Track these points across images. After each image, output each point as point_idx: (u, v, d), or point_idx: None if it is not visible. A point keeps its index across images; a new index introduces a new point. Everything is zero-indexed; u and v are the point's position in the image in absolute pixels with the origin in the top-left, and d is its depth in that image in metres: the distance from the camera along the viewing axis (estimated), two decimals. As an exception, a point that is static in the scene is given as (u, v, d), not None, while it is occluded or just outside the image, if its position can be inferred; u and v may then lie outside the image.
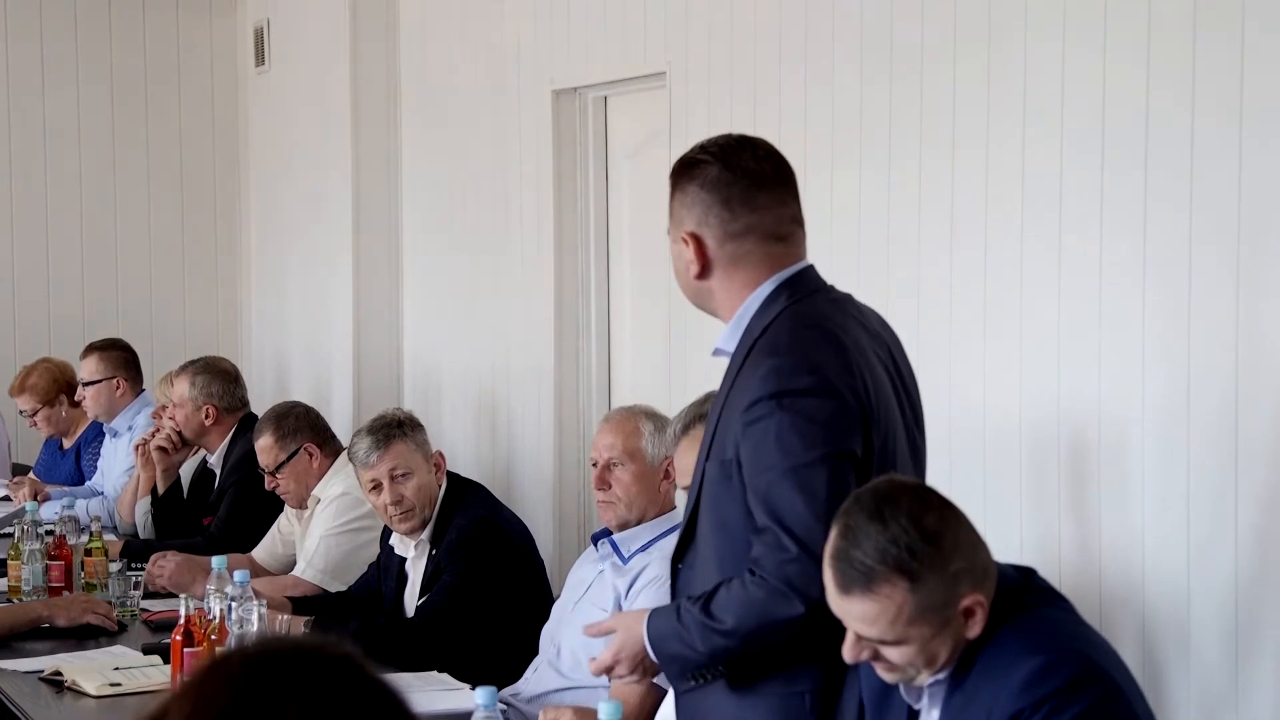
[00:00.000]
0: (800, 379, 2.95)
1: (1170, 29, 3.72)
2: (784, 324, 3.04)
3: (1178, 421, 3.72)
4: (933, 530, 2.59)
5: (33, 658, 4.65)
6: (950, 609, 2.59)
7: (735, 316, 3.12)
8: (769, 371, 2.96)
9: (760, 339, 3.04)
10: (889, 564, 2.57)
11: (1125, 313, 3.83)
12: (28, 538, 5.36)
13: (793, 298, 3.09)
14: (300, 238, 8.31)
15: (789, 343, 3.01)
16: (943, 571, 2.58)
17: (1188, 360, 3.69)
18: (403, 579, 5.03)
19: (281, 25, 8.45)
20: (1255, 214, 3.55)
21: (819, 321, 3.05)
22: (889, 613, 2.59)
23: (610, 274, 6.22)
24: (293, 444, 5.60)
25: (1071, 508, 3.99)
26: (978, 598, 2.60)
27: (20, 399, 7.51)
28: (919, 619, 2.59)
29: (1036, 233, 4.07)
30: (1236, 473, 3.60)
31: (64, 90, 9.02)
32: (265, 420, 5.70)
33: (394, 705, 1.71)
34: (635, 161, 6.03)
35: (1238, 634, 3.60)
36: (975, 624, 2.62)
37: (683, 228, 3.15)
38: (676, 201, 3.18)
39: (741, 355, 3.07)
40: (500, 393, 6.76)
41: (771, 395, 2.94)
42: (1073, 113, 3.96)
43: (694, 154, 3.20)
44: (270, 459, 5.61)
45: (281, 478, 5.61)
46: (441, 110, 7.19)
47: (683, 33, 5.45)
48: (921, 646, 2.62)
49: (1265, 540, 3.55)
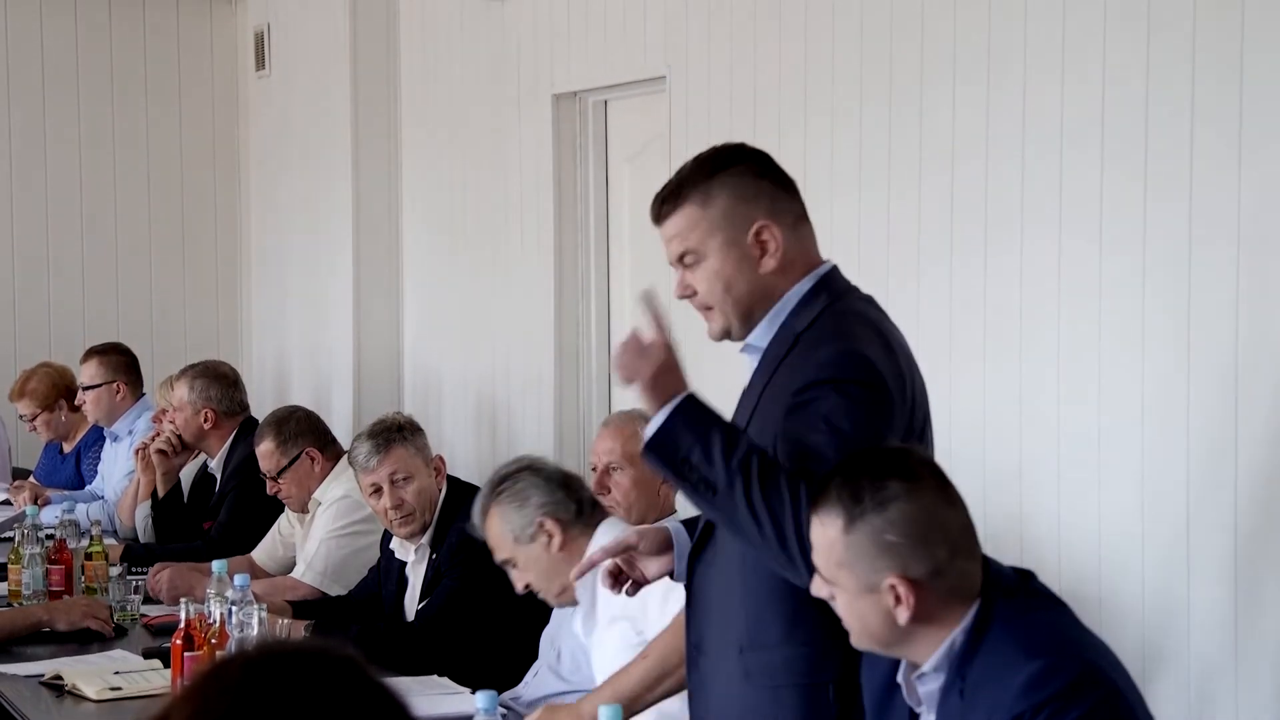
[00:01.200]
0: (858, 369, 2.93)
1: (1170, 34, 3.72)
2: (832, 320, 3.03)
3: (1176, 428, 3.72)
4: (892, 497, 2.61)
5: (33, 662, 4.64)
6: (875, 575, 2.62)
7: (771, 313, 3.07)
8: (827, 359, 2.94)
9: (806, 333, 3.02)
10: (843, 502, 2.62)
11: (1125, 327, 3.83)
12: (28, 542, 5.36)
13: (832, 296, 3.07)
14: (301, 242, 8.31)
15: (845, 334, 2.99)
16: (874, 535, 2.61)
17: (1187, 369, 3.69)
18: (403, 583, 5.03)
19: (282, 29, 8.45)
20: (1256, 223, 3.55)
21: (865, 320, 3.05)
22: (822, 545, 2.66)
23: (610, 278, 6.22)
24: (294, 449, 5.61)
25: (1068, 514, 3.99)
26: (902, 582, 2.61)
27: (20, 404, 7.51)
28: (846, 565, 2.63)
29: (1036, 249, 4.07)
30: (1236, 482, 3.60)
31: (64, 94, 9.02)
32: (266, 425, 5.70)
33: (395, 709, 1.71)
34: (635, 165, 6.03)
35: (1237, 640, 3.60)
36: (901, 610, 2.62)
37: (753, 221, 3.03)
38: (724, 200, 3.04)
39: (784, 348, 3.03)
40: (500, 397, 6.76)
41: (828, 380, 2.91)
42: (1071, 124, 3.97)
43: (706, 161, 3.10)
44: (272, 464, 5.61)
45: (283, 482, 5.61)
46: (442, 114, 7.19)
47: (683, 37, 5.45)
48: (849, 602, 2.66)
49: (1264, 545, 3.55)
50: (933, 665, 2.67)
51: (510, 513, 4.03)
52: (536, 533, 4.01)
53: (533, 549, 4.01)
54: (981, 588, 2.67)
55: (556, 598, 4.04)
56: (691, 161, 3.13)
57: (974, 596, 2.66)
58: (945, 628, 2.65)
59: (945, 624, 2.65)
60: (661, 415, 2.95)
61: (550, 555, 4.01)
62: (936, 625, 2.66)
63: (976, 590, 2.66)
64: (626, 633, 3.83)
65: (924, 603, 2.63)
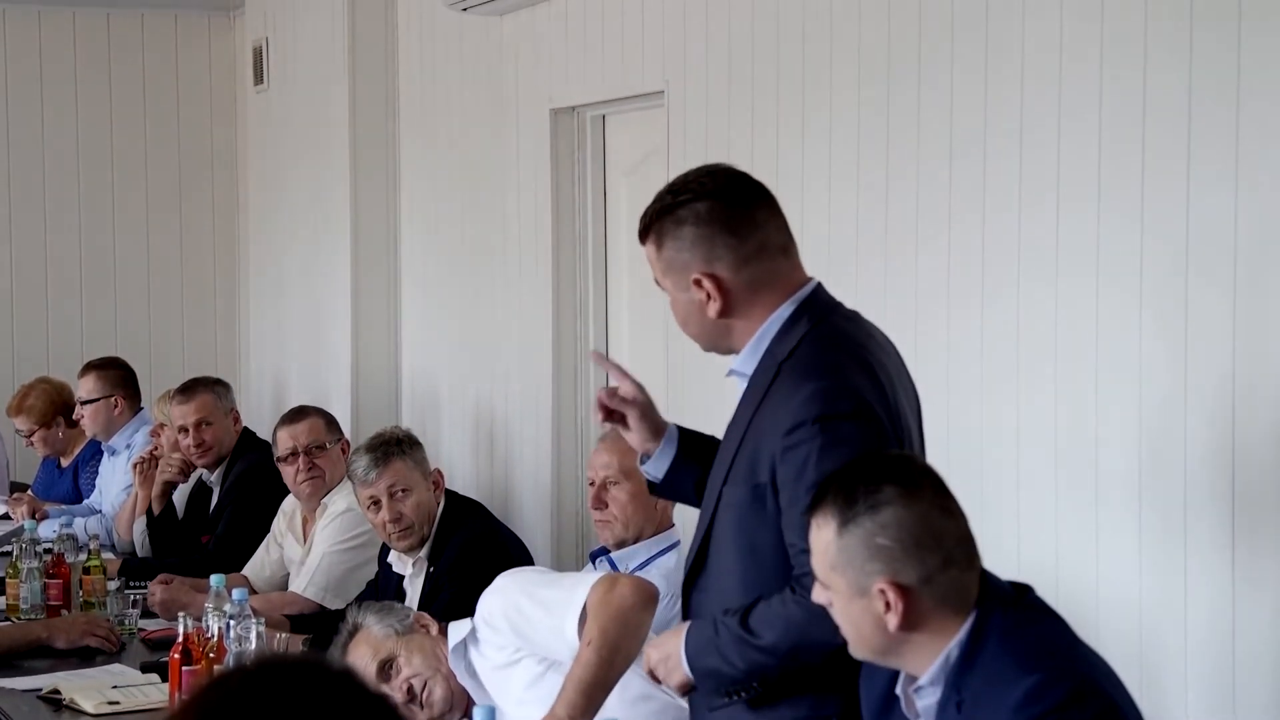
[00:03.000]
0: (842, 403, 2.95)
1: (1167, 43, 3.73)
2: (812, 346, 3.03)
3: (1174, 448, 3.72)
4: (886, 501, 2.62)
5: (31, 676, 4.65)
6: (865, 579, 2.62)
7: (754, 340, 3.08)
8: (810, 396, 2.95)
9: (788, 361, 3.03)
10: (838, 504, 2.64)
11: (1121, 339, 3.84)
12: (26, 556, 5.36)
13: (813, 319, 3.07)
14: (299, 255, 8.32)
15: (826, 366, 3.00)
16: (866, 538, 2.62)
17: (1184, 391, 3.69)
18: (401, 596, 5.03)
19: (280, 44, 8.46)
20: (1252, 242, 3.55)
21: (846, 344, 3.06)
22: (818, 547, 2.67)
23: (609, 291, 6.22)
24: (336, 435, 5.75)
25: (1066, 528, 3.99)
26: (891, 587, 2.61)
27: (17, 419, 7.51)
28: (839, 568, 2.64)
29: (1033, 271, 4.07)
30: (1232, 502, 3.60)
31: (63, 109, 9.04)
32: (307, 408, 5.86)
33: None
34: (633, 180, 6.04)
35: (1233, 656, 3.61)
36: (890, 617, 2.63)
37: (690, 272, 3.07)
38: (669, 250, 3.09)
39: (767, 377, 3.05)
40: (498, 411, 6.76)
41: (815, 419, 2.93)
42: (1069, 128, 3.97)
43: (667, 199, 3.11)
44: (318, 437, 5.67)
45: (321, 460, 5.64)
46: (440, 129, 7.20)
47: (681, 52, 5.46)
48: (843, 606, 2.67)
49: (1260, 565, 3.56)
50: (929, 678, 2.67)
51: (384, 617, 4.00)
52: (412, 624, 3.99)
53: (413, 639, 3.96)
54: (978, 600, 2.67)
55: (438, 698, 3.89)
56: (660, 193, 3.15)
57: (969, 608, 2.66)
58: (940, 638, 2.66)
59: (940, 634, 2.65)
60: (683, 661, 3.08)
61: (431, 640, 3.96)
62: (930, 635, 2.66)
63: (972, 602, 2.67)
64: (528, 667, 3.78)
65: (913, 610, 2.63)
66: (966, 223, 4.27)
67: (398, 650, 3.94)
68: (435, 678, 3.90)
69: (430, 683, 3.91)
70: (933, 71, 4.37)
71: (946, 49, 4.33)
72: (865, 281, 4.53)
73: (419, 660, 3.93)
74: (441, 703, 3.91)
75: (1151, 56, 3.75)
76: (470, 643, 3.84)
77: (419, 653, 3.94)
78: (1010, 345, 4.15)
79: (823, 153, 4.78)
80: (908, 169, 4.46)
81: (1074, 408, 3.97)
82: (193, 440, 6.27)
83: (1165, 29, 3.71)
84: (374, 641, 3.97)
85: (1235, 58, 3.56)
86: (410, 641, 3.96)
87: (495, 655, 3.79)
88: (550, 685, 3.62)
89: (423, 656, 3.93)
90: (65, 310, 9.03)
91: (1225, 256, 3.58)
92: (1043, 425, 4.05)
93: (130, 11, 9.11)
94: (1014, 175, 4.13)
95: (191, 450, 6.29)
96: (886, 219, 4.55)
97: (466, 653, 3.84)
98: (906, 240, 4.47)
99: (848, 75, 4.69)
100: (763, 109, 5.04)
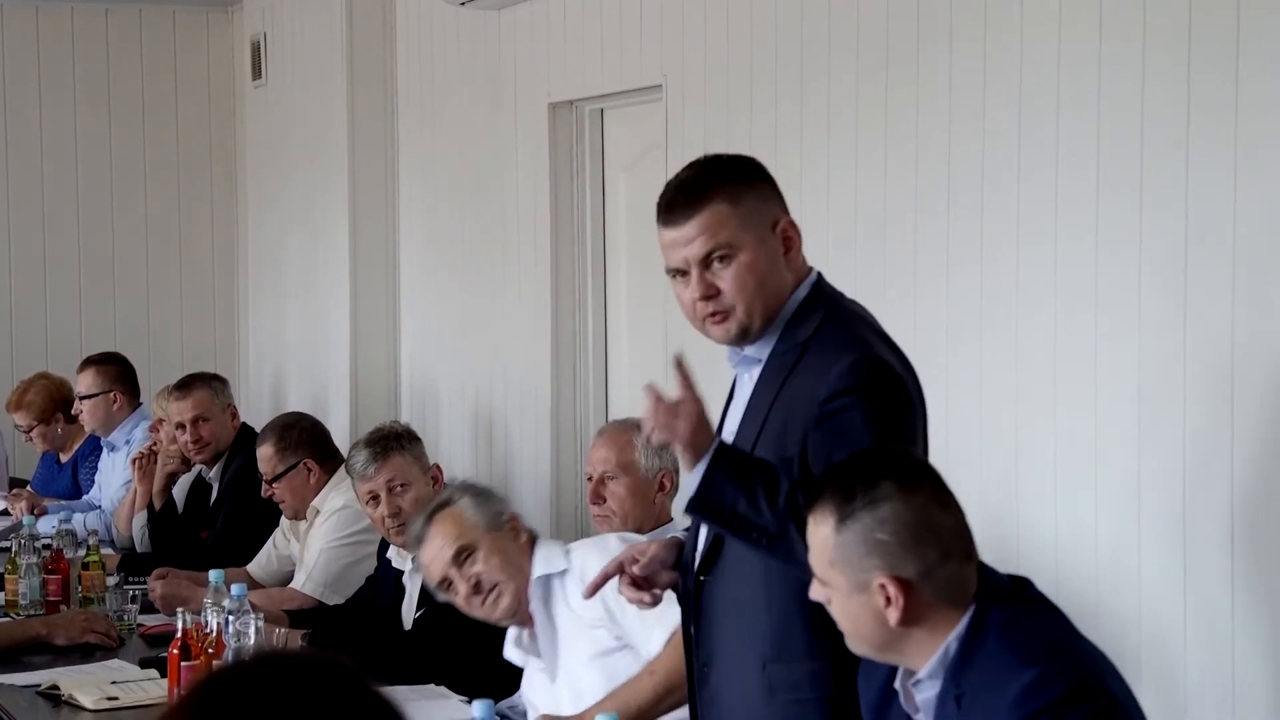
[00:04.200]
0: (880, 376, 2.96)
1: (1166, 47, 3.73)
2: (839, 326, 3.05)
3: (1172, 437, 3.73)
4: (884, 496, 2.62)
5: (30, 671, 4.65)
6: (863, 574, 2.62)
7: (774, 321, 3.07)
8: (848, 368, 2.95)
9: (813, 340, 3.03)
10: (835, 500, 2.64)
11: (1121, 333, 3.84)
12: (25, 551, 5.36)
13: (829, 302, 3.10)
14: (297, 252, 8.32)
15: (858, 340, 3.01)
16: (865, 533, 2.62)
17: (1183, 378, 3.69)
18: (400, 592, 5.03)
19: (279, 39, 8.46)
20: (1252, 236, 3.55)
21: (871, 326, 3.09)
22: (816, 543, 2.67)
23: (607, 286, 6.22)
24: (292, 458, 5.62)
25: (1064, 520, 3.99)
26: (892, 582, 2.61)
27: (16, 415, 7.51)
28: (838, 564, 2.64)
29: (1031, 245, 4.07)
30: (1231, 491, 3.60)
31: (61, 105, 9.03)
32: (270, 429, 5.73)
33: (391, 718, 1.71)
34: (631, 174, 6.03)
35: (1233, 649, 3.61)
36: (891, 611, 2.63)
37: (777, 217, 3.08)
38: (755, 196, 3.07)
39: (791, 357, 3.04)
40: (497, 406, 6.76)
41: (855, 389, 2.93)
42: (1068, 131, 3.97)
43: (728, 158, 3.14)
44: (269, 468, 5.63)
45: (278, 488, 5.63)
46: (438, 123, 7.20)
47: (679, 46, 5.46)
48: (841, 603, 2.67)
49: (1260, 554, 3.56)
50: (928, 672, 2.67)
51: (481, 503, 3.98)
52: (505, 523, 3.97)
53: (501, 537, 3.93)
54: (976, 593, 2.67)
55: (503, 606, 3.90)
56: (700, 164, 3.13)
57: (968, 601, 2.66)
58: (939, 632, 2.65)
59: (939, 628, 2.65)
60: (700, 470, 2.94)
61: (517, 546, 3.94)
62: (929, 629, 2.65)
63: (971, 595, 2.66)
64: (603, 638, 3.80)
65: (914, 604, 2.63)
66: (965, 213, 4.27)
67: (480, 542, 3.90)
68: (508, 585, 3.86)
69: (501, 587, 3.86)
70: (930, 64, 4.37)
71: (945, 40, 4.32)
72: (863, 273, 4.53)
73: (497, 561, 3.88)
74: (504, 612, 3.86)
75: (1150, 28, 3.74)
76: (557, 580, 3.82)
77: (500, 554, 3.89)
78: (1009, 337, 4.15)
79: (821, 146, 4.78)
80: (906, 162, 4.46)
81: (1073, 404, 3.97)
82: (189, 436, 6.27)
83: (1164, 3, 3.71)
84: (461, 523, 3.93)
85: (1234, 30, 3.56)
86: (497, 539, 3.91)
87: (582, 611, 3.76)
88: (618, 664, 3.63)
89: (503, 559, 3.88)
90: (64, 305, 9.03)
91: (1225, 235, 3.59)
92: (1043, 426, 4.05)
93: (128, 7, 9.11)
94: (1014, 175, 4.13)
95: (189, 446, 6.29)
96: (884, 211, 4.55)
97: (550, 586, 3.82)
98: (905, 233, 4.47)
99: (846, 68, 4.68)
100: (761, 102, 5.04)
